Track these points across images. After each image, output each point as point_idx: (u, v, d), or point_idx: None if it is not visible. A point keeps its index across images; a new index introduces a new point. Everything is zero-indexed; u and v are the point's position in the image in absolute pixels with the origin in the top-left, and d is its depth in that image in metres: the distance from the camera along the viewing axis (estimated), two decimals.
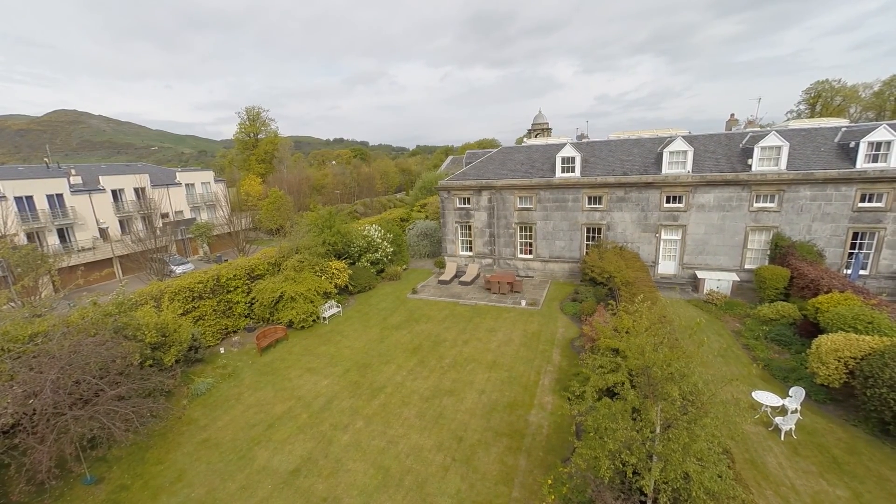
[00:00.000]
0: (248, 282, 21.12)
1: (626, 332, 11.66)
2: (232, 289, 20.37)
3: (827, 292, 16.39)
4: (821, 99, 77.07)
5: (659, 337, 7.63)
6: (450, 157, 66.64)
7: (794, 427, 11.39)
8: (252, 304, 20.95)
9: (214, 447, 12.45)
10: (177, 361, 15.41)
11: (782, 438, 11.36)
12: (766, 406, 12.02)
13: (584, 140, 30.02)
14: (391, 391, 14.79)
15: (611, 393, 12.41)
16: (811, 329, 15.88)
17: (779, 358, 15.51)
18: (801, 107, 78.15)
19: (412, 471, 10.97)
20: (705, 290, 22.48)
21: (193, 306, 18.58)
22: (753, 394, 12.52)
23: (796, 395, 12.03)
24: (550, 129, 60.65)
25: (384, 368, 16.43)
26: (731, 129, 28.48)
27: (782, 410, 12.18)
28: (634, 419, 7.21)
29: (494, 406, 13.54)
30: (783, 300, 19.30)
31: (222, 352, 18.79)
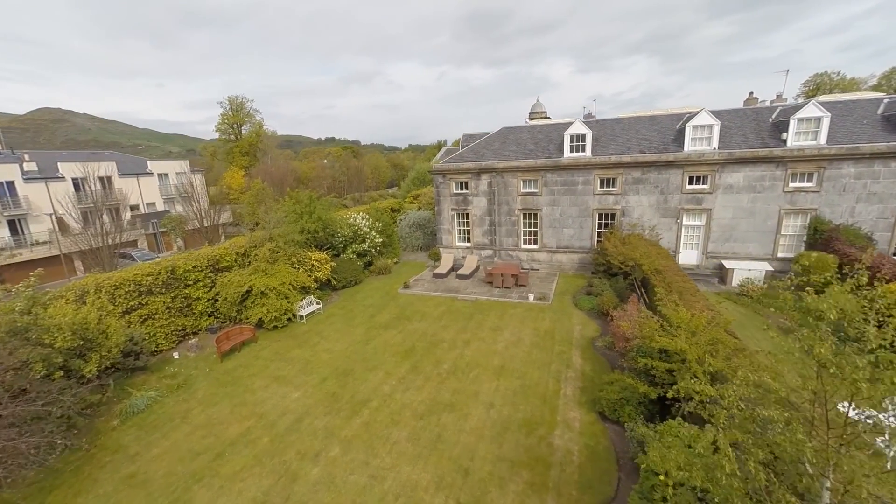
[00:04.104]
0: (211, 274, 18.06)
1: (680, 328, 8.92)
2: (191, 282, 17.29)
3: (889, 281, 13.90)
4: (819, 91, 75.69)
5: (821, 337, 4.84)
6: (444, 149, 63.69)
7: None
8: (216, 300, 17.90)
9: (141, 486, 9.44)
10: (106, 370, 12.33)
11: (888, 466, 8.66)
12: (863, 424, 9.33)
13: (592, 119, 27.33)
14: (377, 406, 11.88)
15: (664, 407, 9.70)
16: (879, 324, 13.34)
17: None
18: (799, 100, 76.53)
19: None
20: (734, 282, 19.94)
21: (140, 303, 15.48)
22: (840, 407, 9.83)
23: None
24: (549, 118, 57.96)
25: (369, 376, 13.52)
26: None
27: (880, 429, 9.49)
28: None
29: (507, 424, 10.71)
30: None
31: (176, 357, 15.72)
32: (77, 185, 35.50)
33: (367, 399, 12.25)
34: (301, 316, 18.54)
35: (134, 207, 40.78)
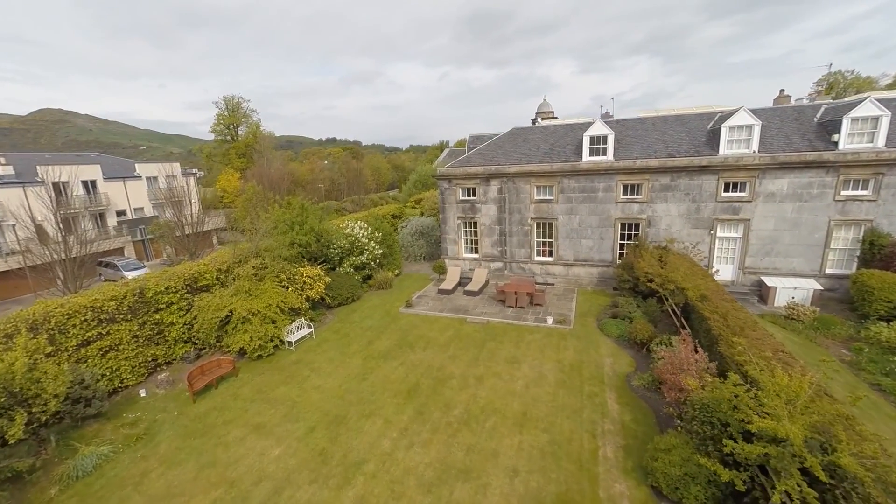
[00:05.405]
0: (188, 295, 15.92)
1: (779, 398, 6.67)
2: (163, 306, 15.13)
3: None
4: (833, 91, 73.31)
5: None
6: (446, 151, 61.48)
7: None
8: (192, 325, 15.74)
9: None
10: (44, 425, 10.16)
11: None
12: None
13: (612, 119, 25.12)
14: (374, 470, 9.69)
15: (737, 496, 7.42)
16: None
17: None
18: (816, 99, 74.05)
19: None
20: (776, 302, 17.73)
21: (100, 333, 13.32)
22: None
23: None
24: (556, 118, 55.74)
25: (365, 425, 11.33)
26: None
27: None
28: None
29: (538, 503, 8.49)
30: None
31: (143, 395, 13.56)
32: (59, 189, 33.39)
33: (362, 459, 10.05)
34: (290, 342, 16.37)
35: (121, 213, 38.74)
